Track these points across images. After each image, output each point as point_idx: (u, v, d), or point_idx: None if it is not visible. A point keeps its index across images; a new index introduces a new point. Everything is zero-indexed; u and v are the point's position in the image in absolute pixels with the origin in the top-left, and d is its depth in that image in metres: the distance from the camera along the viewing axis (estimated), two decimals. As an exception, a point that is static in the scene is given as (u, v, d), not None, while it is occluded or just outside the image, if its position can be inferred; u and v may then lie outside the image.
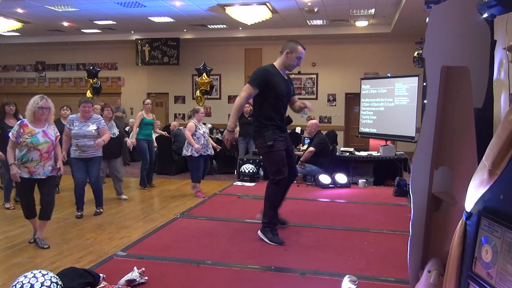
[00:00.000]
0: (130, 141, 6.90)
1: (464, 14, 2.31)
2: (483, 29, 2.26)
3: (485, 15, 2.54)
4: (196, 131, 6.29)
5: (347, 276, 2.83)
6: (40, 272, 2.66)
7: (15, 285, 2.56)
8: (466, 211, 1.80)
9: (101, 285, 2.91)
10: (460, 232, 1.82)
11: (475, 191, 1.75)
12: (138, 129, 7.00)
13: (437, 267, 2.19)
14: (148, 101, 7.37)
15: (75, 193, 5.26)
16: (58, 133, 4.26)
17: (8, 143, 4.01)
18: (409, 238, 2.47)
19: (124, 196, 6.32)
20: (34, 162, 3.97)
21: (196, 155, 6.27)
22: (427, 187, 2.45)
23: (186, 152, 6.32)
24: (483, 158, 1.72)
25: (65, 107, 6.72)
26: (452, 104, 2.34)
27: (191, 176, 6.50)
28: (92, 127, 5.17)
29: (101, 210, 5.43)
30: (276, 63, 4.15)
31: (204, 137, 6.41)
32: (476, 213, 1.73)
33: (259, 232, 4.11)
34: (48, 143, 4.05)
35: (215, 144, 6.99)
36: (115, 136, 6.03)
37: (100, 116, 5.45)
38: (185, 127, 6.58)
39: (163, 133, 8.42)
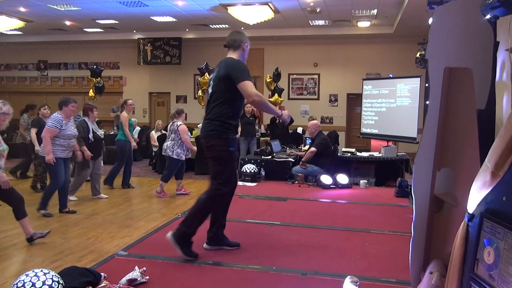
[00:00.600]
0: (133, 144, 6.88)
1: (467, 15, 2.31)
2: (486, 30, 2.26)
3: (488, 16, 2.53)
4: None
5: (348, 277, 2.82)
6: (41, 270, 2.66)
7: (17, 284, 2.56)
8: (468, 213, 1.80)
9: (102, 284, 2.91)
10: (462, 234, 1.82)
11: (477, 193, 1.75)
12: (119, 130, 6.94)
13: (439, 269, 2.19)
14: (130, 101, 7.10)
15: (51, 191, 5.18)
16: None
17: None
18: (411, 239, 2.47)
19: (104, 196, 6.27)
20: (1, 169, 3.87)
21: (183, 158, 6.32)
22: (429, 188, 2.44)
23: (171, 153, 6.29)
24: (486, 159, 1.71)
25: (46, 106, 6.77)
26: (454, 105, 2.34)
27: (167, 176, 6.42)
28: (74, 128, 5.36)
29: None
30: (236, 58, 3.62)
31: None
32: (479, 214, 1.73)
33: (169, 235, 3.53)
34: (7, 149, 3.98)
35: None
36: (102, 137, 6.28)
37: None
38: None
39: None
